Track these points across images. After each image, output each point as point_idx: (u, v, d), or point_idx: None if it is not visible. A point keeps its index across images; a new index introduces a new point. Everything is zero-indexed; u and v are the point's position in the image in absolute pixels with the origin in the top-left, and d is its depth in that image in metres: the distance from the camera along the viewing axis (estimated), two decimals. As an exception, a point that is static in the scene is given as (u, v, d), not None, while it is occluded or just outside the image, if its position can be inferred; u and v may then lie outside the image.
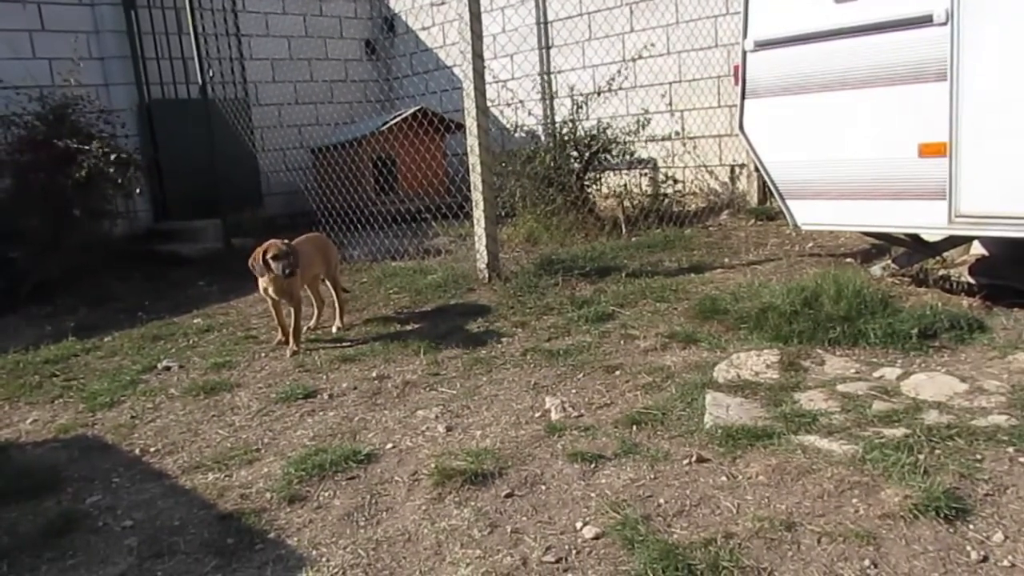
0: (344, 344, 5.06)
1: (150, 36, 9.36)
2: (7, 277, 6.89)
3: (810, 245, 6.50)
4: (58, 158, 7.30)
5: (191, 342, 5.45)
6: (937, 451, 2.85)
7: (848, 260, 5.80)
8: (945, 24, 4.25)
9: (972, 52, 4.21)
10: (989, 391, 3.35)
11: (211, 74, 9.28)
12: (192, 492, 3.19)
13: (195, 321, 6.01)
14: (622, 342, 4.53)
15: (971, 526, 2.43)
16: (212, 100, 9.20)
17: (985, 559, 2.28)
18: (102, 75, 9.11)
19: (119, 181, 7.62)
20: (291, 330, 4.99)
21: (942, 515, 2.46)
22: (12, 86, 7.82)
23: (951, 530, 2.41)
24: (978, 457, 2.80)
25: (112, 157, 7.44)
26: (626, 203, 8.16)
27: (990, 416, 3.11)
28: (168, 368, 4.88)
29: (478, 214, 5.99)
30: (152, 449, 3.67)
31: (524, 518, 2.74)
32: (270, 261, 4.78)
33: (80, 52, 8.67)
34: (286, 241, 4.92)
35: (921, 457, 2.80)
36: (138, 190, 8.15)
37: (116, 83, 9.21)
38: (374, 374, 4.41)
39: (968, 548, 2.32)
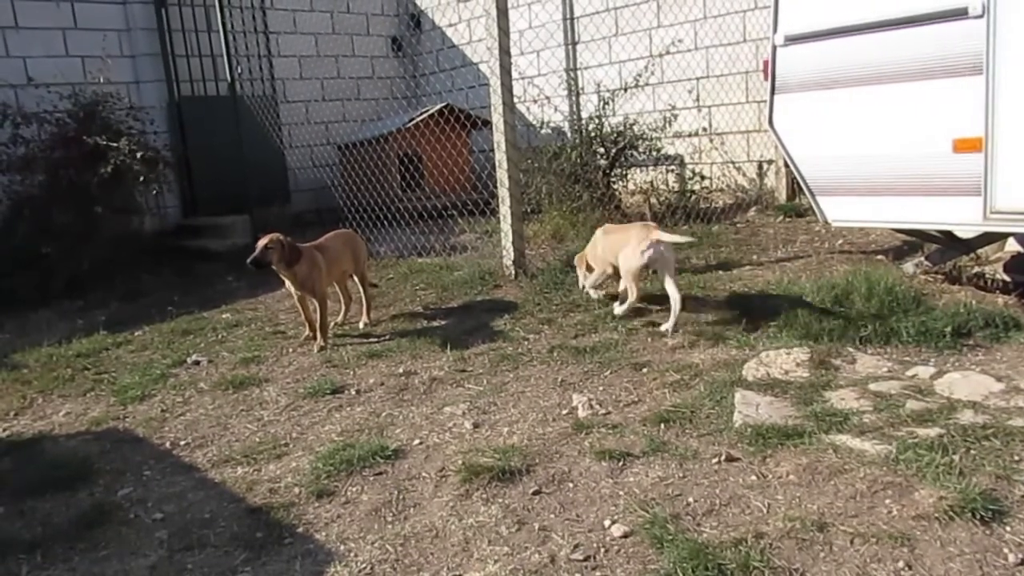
0: (371, 340, 5.08)
1: (180, 34, 9.45)
2: (40, 271, 7.00)
3: (840, 242, 6.42)
4: (88, 155, 7.40)
5: (220, 337, 5.50)
6: (972, 451, 2.81)
7: (879, 257, 5.72)
8: (981, 17, 4.18)
9: (1009, 45, 4.13)
10: (1026, 391, 3.29)
11: (240, 71, 9.36)
12: (222, 485, 3.21)
13: (224, 316, 6.06)
14: (649, 339, 4.51)
15: (1008, 528, 2.38)
16: (240, 97, 9.28)
17: (1023, 562, 2.23)
18: (133, 72, 9.22)
19: (147, 177, 7.71)
20: (318, 326, 5.01)
21: (978, 516, 2.42)
22: (44, 84, 7.94)
23: (987, 532, 2.37)
24: (1015, 458, 2.75)
25: (140, 154, 7.53)
26: (653, 200, 8.11)
27: (1027, 416, 3.05)
28: (197, 362, 4.93)
29: (504, 211, 5.98)
30: (182, 442, 3.71)
31: (552, 515, 2.73)
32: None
33: (111, 50, 8.79)
34: (278, 236, 4.85)
35: (956, 457, 2.75)
36: (164, 186, 8.24)
37: (146, 80, 9.31)
38: (401, 370, 4.42)
39: (1005, 550, 2.28)
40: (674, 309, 4.59)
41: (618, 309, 4.88)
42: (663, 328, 4.59)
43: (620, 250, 4.78)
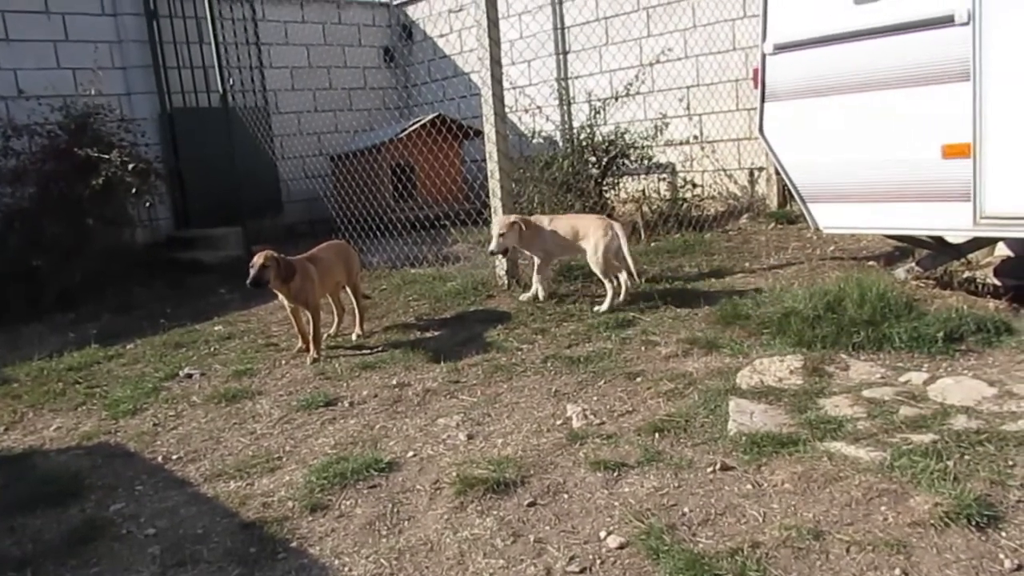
0: (364, 351, 5.06)
1: (171, 45, 9.46)
2: (31, 284, 6.97)
3: (832, 248, 6.44)
4: (79, 167, 7.39)
5: (212, 349, 5.48)
6: (967, 457, 2.81)
7: (871, 263, 5.74)
8: (967, 24, 4.21)
9: (995, 52, 4.16)
10: (1019, 395, 3.29)
11: (231, 83, 9.37)
12: (214, 500, 3.19)
13: (216, 328, 6.04)
14: (643, 348, 4.50)
15: (1003, 534, 2.38)
16: (232, 108, 9.29)
17: (1019, 567, 2.23)
18: (124, 84, 9.22)
19: (138, 189, 7.70)
20: (311, 337, 4.99)
21: (974, 523, 2.41)
22: (35, 96, 7.93)
23: (983, 538, 2.37)
24: (1009, 463, 2.75)
25: (131, 166, 7.52)
26: (645, 208, 8.12)
27: (1020, 421, 3.05)
28: (190, 375, 4.90)
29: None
30: (174, 457, 3.68)
31: (547, 527, 2.72)
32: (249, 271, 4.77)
33: (103, 62, 8.79)
34: (272, 253, 4.82)
35: (950, 463, 2.75)
36: (156, 198, 8.25)
37: (138, 92, 9.30)
38: (394, 381, 4.40)
39: (1001, 556, 2.28)
40: (622, 290, 5.29)
41: (536, 296, 5.54)
42: (602, 307, 5.20)
43: (582, 240, 5.31)
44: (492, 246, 5.43)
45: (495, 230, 5.42)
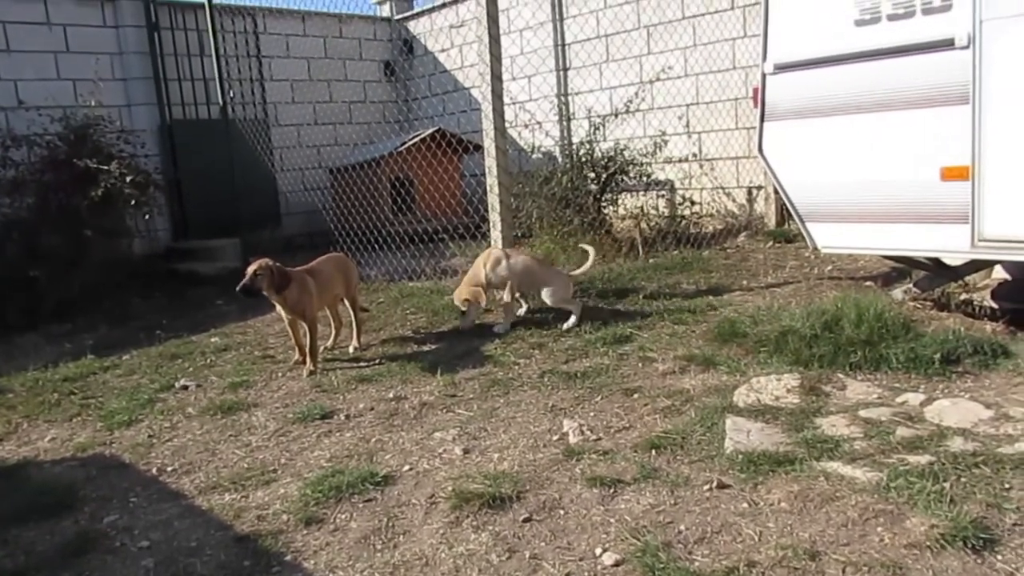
0: (361, 364, 5.06)
1: (172, 57, 9.50)
2: (29, 295, 6.95)
3: (829, 268, 6.45)
4: (78, 178, 7.40)
5: (209, 361, 5.47)
6: (963, 479, 2.80)
7: (868, 283, 5.75)
8: (967, 48, 4.23)
9: (994, 75, 4.19)
10: (1015, 418, 3.29)
11: (232, 95, 9.39)
12: (209, 513, 3.18)
13: (213, 340, 6.03)
14: (640, 365, 4.50)
15: (999, 556, 2.38)
16: (232, 120, 9.31)
17: (1015, 591, 2.23)
18: (124, 96, 9.25)
19: (137, 201, 7.71)
20: (307, 350, 4.98)
21: (970, 545, 2.41)
22: (35, 106, 7.95)
23: (979, 561, 2.36)
24: (1006, 486, 2.74)
25: (130, 178, 7.53)
26: (643, 224, 8.14)
27: (1017, 443, 3.05)
28: (186, 387, 4.89)
29: (495, 235, 5.99)
30: (169, 468, 3.67)
31: (543, 543, 2.71)
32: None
33: (103, 73, 8.82)
34: (267, 261, 4.84)
35: (947, 485, 2.75)
36: (155, 209, 8.25)
37: (138, 103, 9.34)
38: (391, 395, 4.40)
39: (997, 580, 2.28)
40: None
41: (499, 327, 5.46)
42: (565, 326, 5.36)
43: (549, 279, 5.53)
44: (506, 297, 5.59)
45: (469, 304, 5.59)
